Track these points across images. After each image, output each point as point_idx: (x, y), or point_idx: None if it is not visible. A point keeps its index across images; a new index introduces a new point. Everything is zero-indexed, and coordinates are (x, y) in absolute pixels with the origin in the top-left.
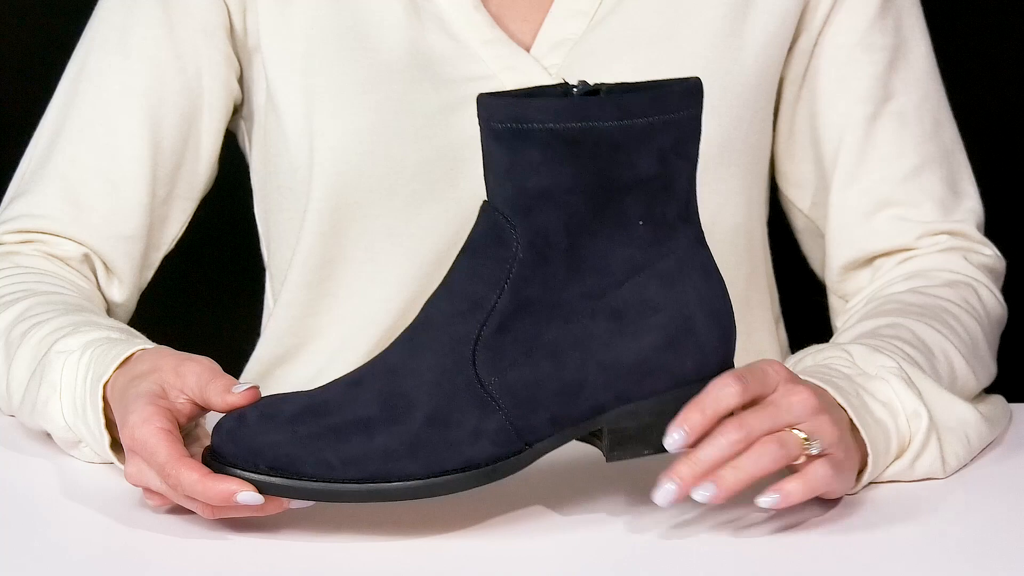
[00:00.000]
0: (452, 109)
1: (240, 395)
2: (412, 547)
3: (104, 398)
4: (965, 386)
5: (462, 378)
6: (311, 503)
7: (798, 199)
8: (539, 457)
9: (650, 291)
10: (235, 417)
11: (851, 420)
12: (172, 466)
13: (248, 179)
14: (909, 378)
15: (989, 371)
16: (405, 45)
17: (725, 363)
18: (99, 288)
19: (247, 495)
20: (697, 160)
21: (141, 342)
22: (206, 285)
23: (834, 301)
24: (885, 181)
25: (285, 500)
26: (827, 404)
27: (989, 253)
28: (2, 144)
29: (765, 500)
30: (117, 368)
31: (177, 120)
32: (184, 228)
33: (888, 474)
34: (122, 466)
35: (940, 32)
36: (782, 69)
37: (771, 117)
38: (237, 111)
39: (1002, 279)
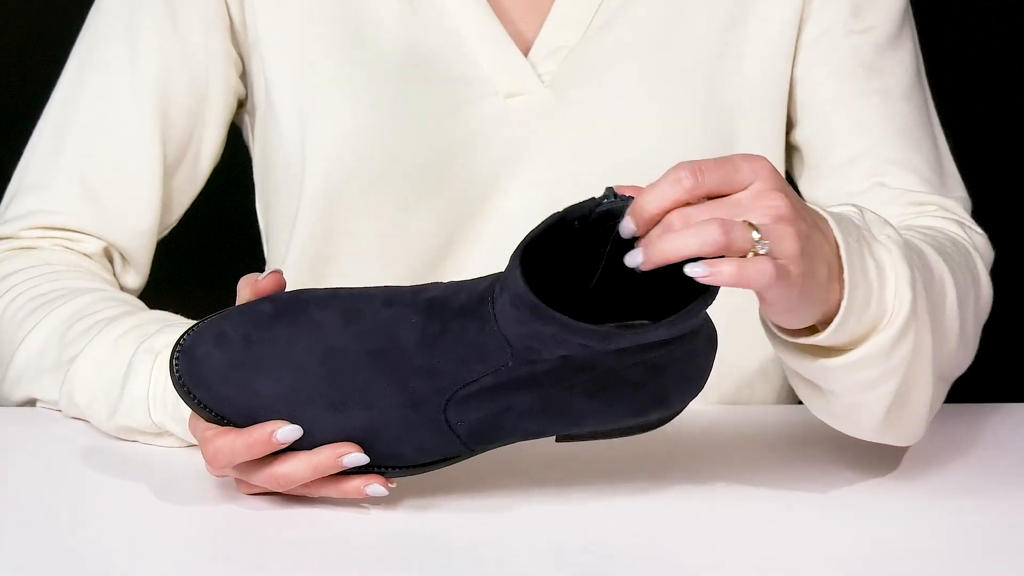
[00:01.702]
0: (445, 112)
1: (267, 280)
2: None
3: None
4: (950, 330)
5: (430, 417)
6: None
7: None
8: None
9: (635, 374)
10: (198, 369)
11: (840, 258)
12: None
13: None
14: (912, 260)
15: (969, 350)
16: (400, 43)
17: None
18: (116, 277)
19: (287, 430)
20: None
21: None
22: (209, 277)
23: None
24: (870, 154)
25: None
26: (800, 218)
27: (981, 234)
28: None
29: (692, 267)
30: None
31: (184, 112)
32: (181, 215)
33: (859, 354)
34: None
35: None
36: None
37: (780, 124)
38: (242, 105)
39: (990, 267)
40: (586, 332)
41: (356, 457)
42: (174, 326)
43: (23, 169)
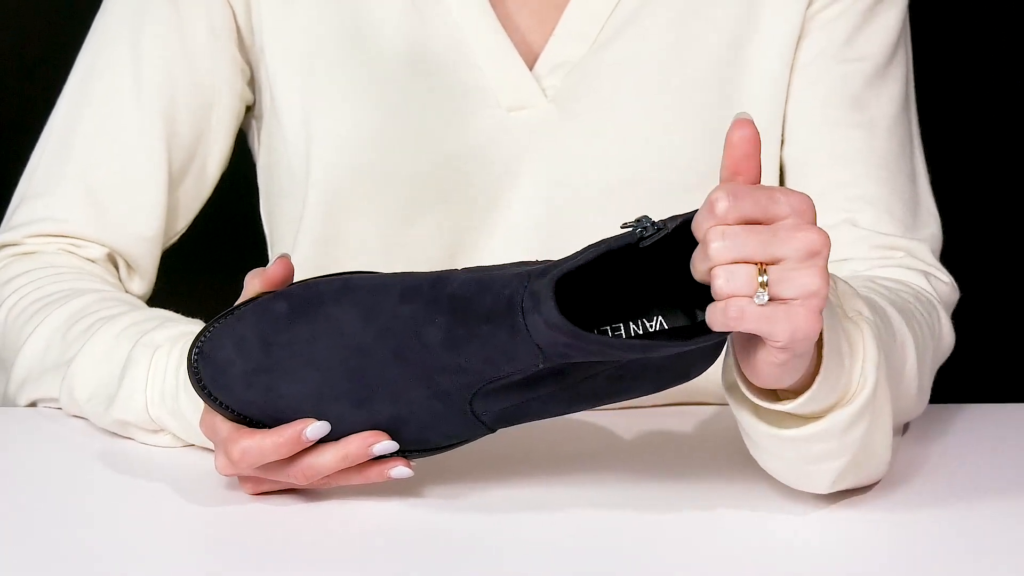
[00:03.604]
0: (446, 120)
1: (275, 267)
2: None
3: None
4: (907, 391)
5: (456, 408)
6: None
7: None
8: None
9: (659, 359)
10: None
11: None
12: None
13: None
14: (880, 339)
15: (925, 399)
16: (403, 46)
17: None
18: (121, 283)
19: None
20: None
21: None
22: (214, 279)
23: None
24: (845, 188)
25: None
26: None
27: (947, 281)
28: (2, 144)
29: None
30: None
31: (190, 119)
32: (189, 223)
33: (815, 429)
34: (207, 446)
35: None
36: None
37: (778, 142)
38: (250, 111)
39: (951, 311)
40: (627, 347)
41: (386, 445)
42: (173, 322)
43: (29, 176)
